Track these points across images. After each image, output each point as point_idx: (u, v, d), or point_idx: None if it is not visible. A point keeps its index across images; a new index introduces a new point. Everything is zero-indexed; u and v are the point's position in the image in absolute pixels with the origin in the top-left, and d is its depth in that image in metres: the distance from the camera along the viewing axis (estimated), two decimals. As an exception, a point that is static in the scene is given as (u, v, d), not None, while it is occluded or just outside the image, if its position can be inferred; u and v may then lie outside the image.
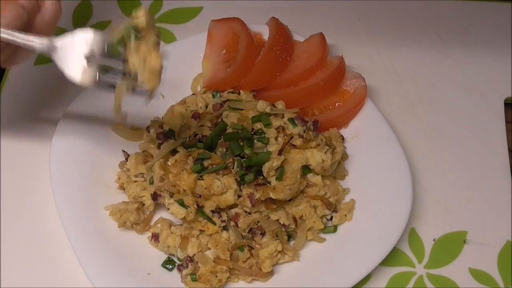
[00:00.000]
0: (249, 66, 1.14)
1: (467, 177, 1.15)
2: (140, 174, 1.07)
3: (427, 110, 1.23)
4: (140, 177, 1.07)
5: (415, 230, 1.10)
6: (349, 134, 1.14)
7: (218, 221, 1.02)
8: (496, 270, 1.06)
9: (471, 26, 1.35)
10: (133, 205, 1.05)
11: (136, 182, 1.07)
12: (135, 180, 1.07)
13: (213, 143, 1.04)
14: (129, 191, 1.06)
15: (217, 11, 1.30)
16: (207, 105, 1.12)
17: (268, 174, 1.01)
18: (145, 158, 1.08)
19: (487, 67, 1.29)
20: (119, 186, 1.08)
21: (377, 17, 1.36)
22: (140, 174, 1.07)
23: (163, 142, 1.07)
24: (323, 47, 1.17)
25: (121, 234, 1.04)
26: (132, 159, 1.08)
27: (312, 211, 1.04)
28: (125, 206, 1.05)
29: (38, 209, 1.09)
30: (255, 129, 1.05)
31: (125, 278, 0.99)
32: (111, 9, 1.35)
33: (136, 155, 1.08)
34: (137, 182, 1.07)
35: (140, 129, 1.14)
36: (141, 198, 1.06)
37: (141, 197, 1.06)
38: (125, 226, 1.04)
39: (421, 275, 1.05)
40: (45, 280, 1.03)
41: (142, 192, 1.06)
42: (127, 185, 1.07)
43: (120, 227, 1.04)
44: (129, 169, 1.07)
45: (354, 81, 1.16)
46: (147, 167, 1.05)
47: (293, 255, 1.03)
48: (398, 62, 1.30)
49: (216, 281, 0.99)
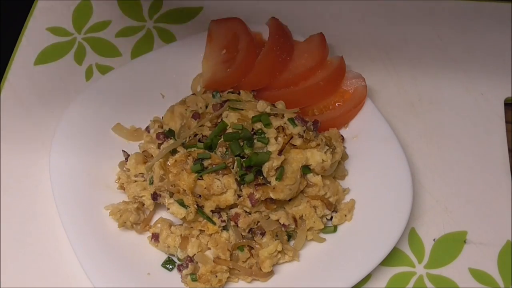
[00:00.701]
0: (249, 66, 1.14)
1: (467, 177, 1.15)
2: (140, 174, 1.07)
3: (427, 110, 1.23)
4: (140, 177, 1.07)
5: (415, 230, 1.10)
6: (349, 134, 1.14)
7: (218, 221, 1.02)
8: (496, 270, 1.06)
9: (471, 26, 1.35)
10: (133, 205, 1.05)
11: (136, 182, 1.07)
12: (135, 180, 1.07)
13: (213, 143, 1.04)
14: (129, 191, 1.06)
15: (217, 11, 1.30)
16: (207, 105, 1.12)
17: (268, 174, 1.01)
18: (145, 158, 1.08)
19: (487, 67, 1.29)
20: (119, 186, 1.08)
21: (377, 17, 1.36)
22: (140, 174, 1.07)
23: (163, 142, 1.08)
24: (323, 47, 1.17)
25: (121, 234, 1.04)
26: (132, 159, 1.08)
27: (312, 211, 1.05)
28: (125, 206, 1.05)
29: (38, 209, 1.09)
30: (255, 129, 1.05)
31: (125, 278, 0.99)
32: (111, 9, 1.35)
33: (136, 155, 1.08)
34: (137, 182, 1.07)
35: (140, 129, 1.14)
36: (141, 198, 1.06)
37: (141, 197, 1.06)
38: (125, 226, 1.04)
39: (421, 275, 1.05)
40: (45, 280, 1.03)
41: (142, 192, 1.06)
42: (127, 185, 1.07)
43: (120, 227, 1.04)
44: (129, 169, 1.07)
45: (354, 81, 1.16)
46: (147, 167, 1.05)
47: (293, 255, 1.03)
48: (398, 62, 1.30)
49: (216, 281, 0.99)
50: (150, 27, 1.32)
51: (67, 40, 1.30)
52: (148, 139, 1.10)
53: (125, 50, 1.29)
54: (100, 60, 1.27)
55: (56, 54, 1.28)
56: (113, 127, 1.13)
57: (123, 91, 1.16)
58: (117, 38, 1.30)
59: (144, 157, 1.08)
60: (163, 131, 1.10)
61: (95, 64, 1.27)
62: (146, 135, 1.12)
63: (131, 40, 1.30)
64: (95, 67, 1.26)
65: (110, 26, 1.32)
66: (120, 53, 1.28)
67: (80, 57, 1.27)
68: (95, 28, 1.32)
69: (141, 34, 1.31)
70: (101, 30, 1.32)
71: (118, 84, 1.16)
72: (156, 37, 1.31)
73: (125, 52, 1.29)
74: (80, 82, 1.24)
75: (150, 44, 1.30)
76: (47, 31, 1.31)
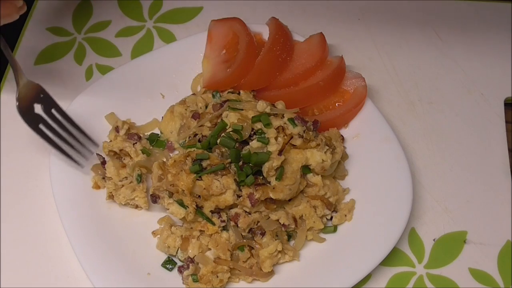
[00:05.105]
0: (249, 66, 1.14)
1: (467, 177, 1.15)
2: (124, 178, 1.06)
3: (427, 110, 1.23)
4: (125, 180, 1.06)
5: (415, 230, 1.10)
6: (349, 134, 1.14)
7: (218, 221, 1.02)
8: (496, 270, 1.06)
9: (471, 26, 1.35)
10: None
11: (124, 186, 1.06)
12: (122, 184, 1.06)
13: (212, 143, 1.04)
14: (119, 197, 1.05)
15: (217, 11, 1.30)
16: (207, 105, 1.12)
17: (268, 174, 1.01)
18: (123, 163, 1.07)
19: (487, 67, 1.29)
20: (108, 197, 1.06)
21: (377, 17, 1.36)
22: (124, 178, 1.06)
23: (137, 142, 1.08)
24: (323, 47, 1.17)
25: (121, 234, 1.04)
26: (110, 167, 1.07)
27: (312, 211, 1.05)
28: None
29: (38, 209, 1.09)
30: (255, 129, 1.05)
31: (125, 278, 0.99)
32: (111, 9, 1.35)
33: (112, 161, 1.07)
34: (125, 186, 1.06)
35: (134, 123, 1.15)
36: (134, 200, 1.05)
37: (134, 198, 1.05)
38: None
39: (421, 275, 1.05)
40: (45, 280, 1.03)
41: (133, 193, 1.05)
42: (115, 192, 1.05)
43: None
44: (111, 177, 1.06)
45: (354, 81, 1.16)
46: (131, 166, 1.05)
47: (293, 255, 1.03)
48: (398, 62, 1.30)
49: (217, 281, 0.99)
50: (150, 27, 1.32)
51: (67, 40, 1.30)
52: (121, 138, 1.09)
53: (125, 50, 1.29)
54: (100, 60, 1.27)
55: (56, 54, 1.28)
56: (106, 115, 1.13)
57: (123, 91, 1.16)
58: (117, 38, 1.30)
59: (121, 162, 1.07)
60: (135, 132, 1.10)
61: (95, 64, 1.27)
62: (116, 135, 1.10)
63: (131, 40, 1.30)
64: (95, 67, 1.26)
65: (110, 26, 1.32)
66: (120, 53, 1.28)
67: (80, 57, 1.27)
68: (95, 28, 1.32)
69: (141, 34, 1.31)
70: (101, 30, 1.32)
71: (118, 84, 1.16)
72: (156, 37, 1.31)
73: (125, 52, 1.29)
74: (80, 82, 1.24)
75: (150, 44, 1.30)
76: (47, 31, 1.31)
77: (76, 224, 1.02)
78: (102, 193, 1.07)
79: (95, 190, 1.07)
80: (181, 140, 1.08)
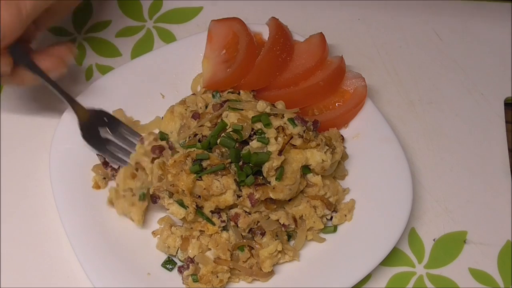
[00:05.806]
0: (249, 66, 1.14)
1: (467, 177, 1.15)
2: (129, 189, 1.04)
3: (427, 110, 1.23)
4: (129, 191, 1.04)
5: (415, 230, 1.10)
6: (349, 134, 1.14)
7: (218, 221, 1.02)
8: (496, 270, 1.06)
9: (471, 26, 1.35)
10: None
11: (125, 197, 1.04)
12: (123, 194, 1.04)
13: (212, 143, 1.04)
14: (117, 206, 1.05)
15: (217, 11, 1.30)
16: (207, 105, 1.12)
17: (268, 174, 1.01)
18: (134, 174, 1.05)
19: (487, 67, 1.29)
20: (108, 202, 1.05)
21: (377, 17, 1.36)
22: (129, 189, 1.04)
23: (158, 157, 1.05)
24: (323, 47, 1.17)
25: (121, 234, 1.04)
26: (121, 173, 1.05)
27: (312, 211, 1.05)
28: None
29: (38, 209, 1.09)
30: (255, 129, 1.05)
31: (125, 278, 0.99)
32: (111, 9, 1.35)
33: (125, 169, 1.06)
34: (125, 197, 1.04)
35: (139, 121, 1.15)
36: (129, 215, 1.04)
37: (129, 213, 1.04)
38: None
39: (421, 275, 1.05)
40: (45, 280, 1.03)
41: (130, 207, 1.03)
42: (116, 200, 1.05)
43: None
44: (118, 183, 1.06)
45: (354, 81, 1.16)
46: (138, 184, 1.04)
47: (293, 255, 1.03)
48: (398, 62, 1.30)
49: (217, 281, 0.99)
50: (150, 27, 1.32)
51: (67, 40, 1.30)
52: (142, 151, 1.07)
53: (125, 50, 1.29)
54: (100, 60, 1.27)
55: (56, 54, 1.28)
56: (114, 111, 1.12)
57: (123, 91, 1.16)
58: (117, 38, 1.30)
59: (133, 173, 1.05)
60: (159, 145, 1.07)
61: (95, 64, 1.27)
62: (140, 146, 1.08)
63: (131, 40, 1.30)
64: (95, 67, 1.26)
65: (110, 26, 1.32)
66: (120, 53, 1.28)
67: (80, 57, 1.27)
68: (95, 28, 1.32)
69: (141, 34, 1.31)
70: (101, 30, 1.31)
71: (118, 84, 1.16)
72: (156, 37, 1.31)
73: (125, 52, 1.29)
74: (80, 82, 1.24)
75: (150, 44, 1.30)
76: (47, 31, 1.31)
77: (76, 224, 1.02)
78: (102, 193, 1.07)
79: (95, 190, 1.07)
80: (181, 140, 1.08)
